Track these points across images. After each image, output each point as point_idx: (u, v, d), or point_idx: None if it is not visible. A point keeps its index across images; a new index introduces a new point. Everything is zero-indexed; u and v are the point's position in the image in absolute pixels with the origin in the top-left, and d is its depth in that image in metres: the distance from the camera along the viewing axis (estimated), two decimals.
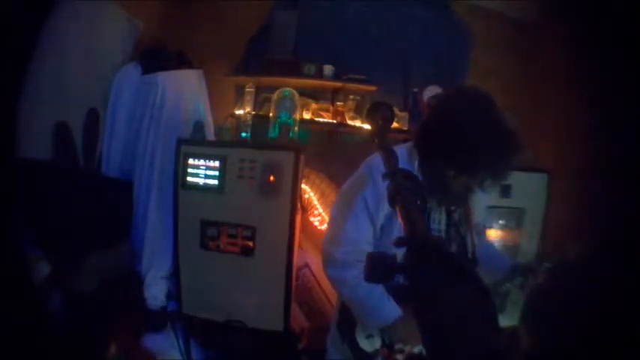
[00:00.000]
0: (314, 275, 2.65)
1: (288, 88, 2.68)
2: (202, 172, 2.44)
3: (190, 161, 2.45)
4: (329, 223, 1.59)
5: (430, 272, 0.69)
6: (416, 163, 1.42)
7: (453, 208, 1.48)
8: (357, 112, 3.03)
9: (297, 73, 2.97)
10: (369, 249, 1.39)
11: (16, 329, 1.65)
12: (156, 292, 2.54)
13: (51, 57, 2.34)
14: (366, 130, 2.58)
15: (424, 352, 0.84)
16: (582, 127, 2.65)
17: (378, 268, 0.75)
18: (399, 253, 0.73)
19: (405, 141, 1.58)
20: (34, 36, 2.17)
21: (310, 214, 2.75)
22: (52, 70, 2.36)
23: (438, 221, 1.46)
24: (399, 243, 0.74)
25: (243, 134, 2.74)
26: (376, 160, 1.31)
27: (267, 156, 2.37)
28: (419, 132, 1.44)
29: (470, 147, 1.27)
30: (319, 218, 2.74)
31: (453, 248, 1.46)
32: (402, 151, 1.34)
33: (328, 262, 1.46)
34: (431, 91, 2.85)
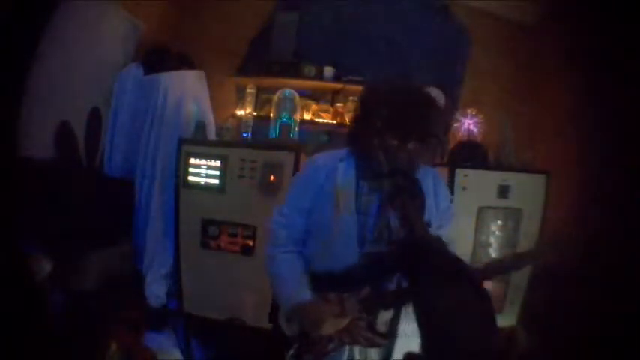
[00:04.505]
0: None
1: (288, 89, 2.70)
2: (203, 171, 2.45)
3: (192, 161, 2.47)
4: None
5: (429, 271, 0.71)
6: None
7: None
8: None
9: (298, 74, 3.00)
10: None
11: (17, 328, 1.66)
12: (157, 291, 2.56)
13: (53, 57, 2.35)
14: None
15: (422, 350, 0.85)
16: (581, 127, 2.66)
17: (376, 268, 0.76)
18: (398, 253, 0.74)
19: None
20: (36, 36, 2.19)
21: None
22: (54, 70, 2.37)
23: None
24: (399, 243, 0.75)
25: (244, 134, 2.76)
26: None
27: (268, 156, 2.38)
28: None
29: None
30: None
31: None
32: None
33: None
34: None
